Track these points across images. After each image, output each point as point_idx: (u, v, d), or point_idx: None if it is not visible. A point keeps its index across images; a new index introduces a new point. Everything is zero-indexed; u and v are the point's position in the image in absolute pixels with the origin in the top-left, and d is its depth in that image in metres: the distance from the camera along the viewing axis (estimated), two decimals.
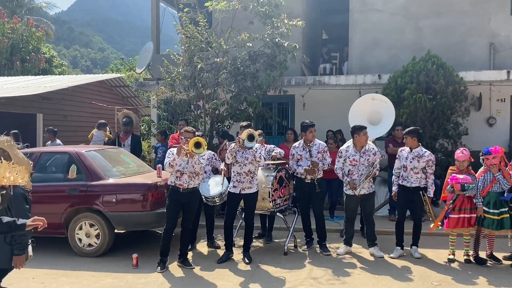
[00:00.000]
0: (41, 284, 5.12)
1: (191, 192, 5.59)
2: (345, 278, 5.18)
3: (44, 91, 11.54)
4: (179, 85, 8.66)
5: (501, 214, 5.44)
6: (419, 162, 5.80)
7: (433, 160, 5.86)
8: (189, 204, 5.61)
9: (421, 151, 5.87)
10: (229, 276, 5.29)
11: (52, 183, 6.32)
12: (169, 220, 5.59)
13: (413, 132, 5.93)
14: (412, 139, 5.87)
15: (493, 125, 9.75)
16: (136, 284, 5.06)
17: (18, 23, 19.72)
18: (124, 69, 28.44)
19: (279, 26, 8.25)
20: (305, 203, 6.41)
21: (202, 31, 8.46)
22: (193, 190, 5.62)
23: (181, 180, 5.50)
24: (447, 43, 9.69)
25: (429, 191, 5.86)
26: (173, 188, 5.56)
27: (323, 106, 10.29)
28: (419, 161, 5.80)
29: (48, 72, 19.87)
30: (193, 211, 5.75)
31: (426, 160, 5.80)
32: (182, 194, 5.52)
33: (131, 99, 16.26)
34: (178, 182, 5.50)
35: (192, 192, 5.60)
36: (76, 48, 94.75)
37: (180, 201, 5.56)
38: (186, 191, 5.52)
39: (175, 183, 5.52)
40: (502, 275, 5.22)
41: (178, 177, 5.50)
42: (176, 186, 5.52)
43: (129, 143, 8.81)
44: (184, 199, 5.55)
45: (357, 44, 10.41)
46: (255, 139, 5.52)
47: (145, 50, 11.89)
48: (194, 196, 5.67)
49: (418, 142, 5.92)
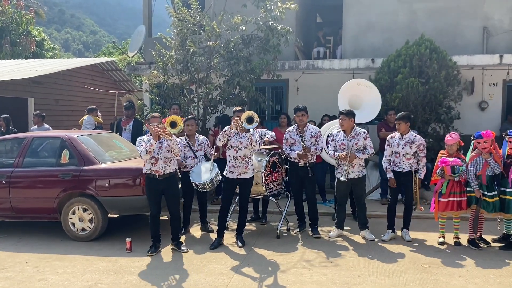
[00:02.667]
0: (35, 268, 5.14)
1: (168, 178, 5.54)
2: (337, 260, 5.25)
3: (35, 75, 11.42)
4: (172, 69, 8.59)
5: (493, 196, 5.52)
6: (411, 147, 5.85)
7: (424, 144, 5.92)
8: (168, 190, 5.58)
9: (411, 136, 5.92)
10: (222, 259, 5.34)
11: (45, 168, 6.30)
12: (152, 206, 5.58)
13: (407, 117, 5.98)
14: (405, 125, 5.92)
15: (485, 109, 9.81)
16: (129, 267, 5.10)
17: (7, 5, 19.37)
18: (116, 52, 28.15)
19: (272, 9, 8.16)
20: (297, 187, 6.45)
21: (194, 14, 8.36)
22: (170, 175, 5.56)
23: (156, 166, 5.44)
24: (441, 26, 9.66)
25: (420, 173, 5.92)
26: (149, 176, 5.51)
27: (316, 91, 10.28)
28: (411, 146, 5.85)
29: (39, 56, 19.64)
30: (175, 196, 5.70)
31: (418, 145, 5.85)
32: (159, 181, 5.48)
33: (123, 83, 16.14)
34: (154, 169, 5.44)
35: (169, 177, 5.55)
36: (68, 31, 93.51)
37: (158, 188, 5.53)
38: (162, 177, 5.49)
39: (151, 170, 5.47)
40: (491, 257, 5.31)
41: (154, 164, 5.44)
42: (152, 174, 5.47)
43: (130, 127, 8.73)
44: (162, 185, 5.51)
45: (351, 28, 10.35)
46: (255, 120, 5.48)
47: (137, 33, 11.75)
48: (172, 182, 5.61)
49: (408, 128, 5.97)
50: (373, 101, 7.54)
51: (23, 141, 6.58)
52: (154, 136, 5.34)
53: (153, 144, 5.32)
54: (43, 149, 6.69)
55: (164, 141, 5.45)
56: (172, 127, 5.39)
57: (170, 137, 5.38)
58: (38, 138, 6.73)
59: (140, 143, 5.41)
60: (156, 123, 5.43)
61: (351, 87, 7.67)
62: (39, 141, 6.69)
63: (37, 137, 6.74)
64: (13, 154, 6.56)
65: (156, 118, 5.54)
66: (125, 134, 8.60)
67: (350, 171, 6.01)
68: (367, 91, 7.59)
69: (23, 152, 6.43)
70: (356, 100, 7.51)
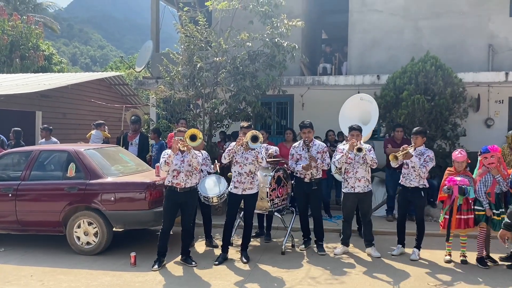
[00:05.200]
0: (39, 282, 5.13)
1: (189, 192, 5.59)
2: (343, 278, 5.20)
3: (43, 89, 11.55)
4: (178, 84, 8.67)
5: (501, 214, 5.47)
6: (420, 159, 5.85)
7: (432, 157, 5.91)
8: (186, 204, 5.61)
9: (424, 149, 5.96)
10: (227, 275, 5.31)
11: (51, 181, 6.33)
12: (166, 221, 5.60)
13: (424, 132, 6.08)
14: (422, 139, 5.98)
15: (491, 126, 9.79)
16: (133, 282, 5.08)
17: (18, 20, 19.70)
18: (123, 67, 28.44)
19: (278, 26, 8.26)
20: (303, 203, 6.43)
21: (201, 30, 8.47)
22: (191, 189, 5.62)
23: (178, 179, 5.50)
24: (446, 44, 9.72)
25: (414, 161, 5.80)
26: (170, 188, 5.56)
27: (322, 106, 10.31)
28: (420, 158, 5.86)
29: (47, 70, 19.87)
30: (191, 211, 5.75)
31: (426, 156, 5.88)
32: (180, 194, 5.53)
33: (130, 98, 16.27)
34: (176, 181, 5.50)
35: (189, 191, 5.60)
36: (76, 46, 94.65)
37: (177, 201, 5.56)
38: (183, 191, 5.53)
39: (172, 183, 5.52)
40: (498, 275, 5.25)
41: (175, 176, 5.50)
42: (174, 186, 5.52)
43: (137, 142, 8.78)
44: (181, 199, 5.55)
45: (356, 44, 10.43)
46: (259, 140, 5.53)
47: (144, 49, 11.89)
48: (192, 196, 5.67)
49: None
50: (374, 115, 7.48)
51: (30, 154, 6.62)
52: (173, 149, 5.39)
53: (171, 156, 5.37)
54: (50, 163, 6.73)
55: (187, 155, 5.50)
56: (192, 140, 5.42)
57: (189, 151, 5.43)
58: (45, 152, 6.78)
59: (164, 155, 5.50)
60: (182, 137, 5.50)
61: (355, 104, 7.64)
62: (46, 155, 6.74)
63: (44, 151, 6.79)
64: (20, 167, 6.60)
65: (182, 133, 5.65)
66: (132, 148, 8.64)
67: (356, 185, 6.00)
68: (370, 106, 7.54)
69: (30, 165, 6.47)
70: (366, 115, 7.47)
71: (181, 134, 5.62)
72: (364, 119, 7.31)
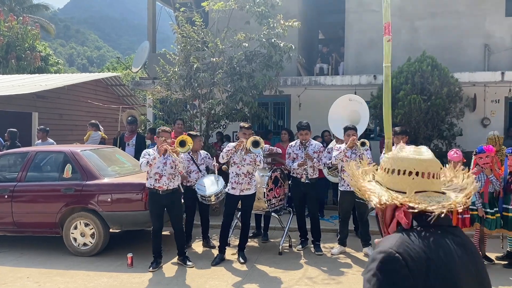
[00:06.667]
0: (36, 283, 5.11)
1: (171, 193, 5.55)
2: (340, 278, 5.20)
3: (40, 90, 11.51)
4: (175, 84, 8.66)
5: (495, 213, 5.49)
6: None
7: None
8: (172, 205, 5.58)
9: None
10: (224, 275, 5.31)
11: (47, 183, 6.31)
12: (154, 222, 5.57)
13: (405, 132, 6.02)
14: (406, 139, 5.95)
15: (487, 126, 9.82)
16: (130, 283, 5.07)
17: (14, 21, 19.62)
18: (120, 67, 28.39)
19: (275, 27, 8.26)
20: (300, 203, 6.44)
21: (198, 31, 8.46)
22: (173, 191, 5.57)
23: (160, 182, 5.45)
24: (443, 44, 9.74)
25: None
26: (152, 191, 5.51)
27: (319, 106, 10.29)
28: None
29: (44, 70, 19.78)
30: (178, 212, 5.71)
31: None
32: (162, 196, 5.48)
33: (127, 98, 16.24)
34: (158, 185, 5.45)
35: (172, 193, 5.55)
36: (72, 46, 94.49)
37: (161, 203, 5.52)
38: (165, 193, 5.49)
39: (154, 186, 5.47)
40: (495, 275, 5.25)
41: (157, 180, 5.45)
42: (155, 189, 5.48)
43: (133, 142, 8.75)
44: (165, 201, 5.51)
45: (353, 45, 10.45)
46: (260, 146, 5.52)
47: (141, 49, 11.88)
48: (175, 197, 5.62)
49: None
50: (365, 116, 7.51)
51: (27, 155, 6.60)
52: (159, 150, 5.35)
53: (156, 158, 5.33)
54: (46, 164, 6.72)
55: (169, 158, 5.46)
56: (181, 146, 5.41)
57: (177, 155, 5.40)
58: (42, 153, 6.76)
59: (144, 155, 5.40)
60: (165, 137, 5.45)
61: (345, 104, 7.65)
62: (42, 156, 6.72)
63: (40, 152, 6.77)
64: (16, 168, 6.58)
65: (166, 133, 5.56)
66: (128, 149, 8.62)
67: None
68: (360, 106, 7.56)
69: (26, 167, 6.45)
70: (356, 115, 7.49)
71: (165, 135, 5.53)
72: (353, 119, 7.33)
